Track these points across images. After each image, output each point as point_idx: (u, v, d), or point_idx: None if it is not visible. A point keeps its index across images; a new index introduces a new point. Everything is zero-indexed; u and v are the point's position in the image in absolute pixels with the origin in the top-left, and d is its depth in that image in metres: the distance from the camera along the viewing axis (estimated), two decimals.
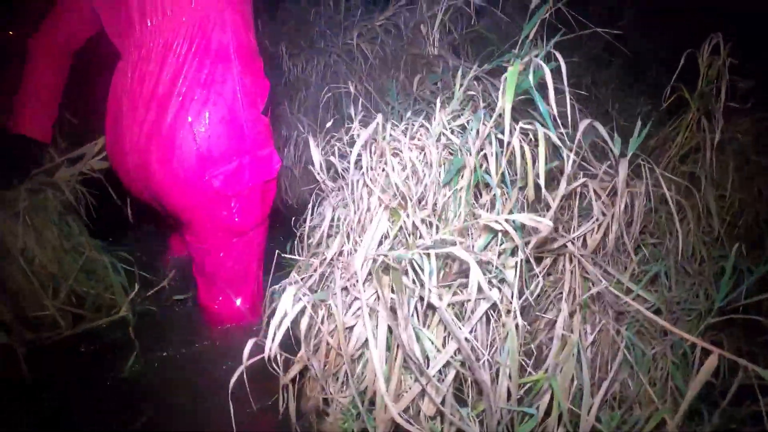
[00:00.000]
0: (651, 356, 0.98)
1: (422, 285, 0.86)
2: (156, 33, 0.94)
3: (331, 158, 1.02)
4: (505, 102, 0.78)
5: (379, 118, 0.87)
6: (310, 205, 1.25)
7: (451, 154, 0.99)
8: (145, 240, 1.50)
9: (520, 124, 0.85)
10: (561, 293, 1.00)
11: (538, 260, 1.00)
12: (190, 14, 0.93)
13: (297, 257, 1.16)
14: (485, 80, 1.34)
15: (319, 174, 1.08)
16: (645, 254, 1.09)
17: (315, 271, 1.08)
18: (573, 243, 1.01)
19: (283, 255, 1.16)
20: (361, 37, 1.68)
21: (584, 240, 1.02)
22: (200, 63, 0.94)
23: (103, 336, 1.15)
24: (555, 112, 0.77)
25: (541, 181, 0.80)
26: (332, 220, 1.04)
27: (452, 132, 0.97)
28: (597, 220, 0.97)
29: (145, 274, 1.30)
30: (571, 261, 1.00)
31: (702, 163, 1.33)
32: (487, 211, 0.98)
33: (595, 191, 0.98)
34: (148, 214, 1.27)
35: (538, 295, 1.00)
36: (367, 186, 0.90)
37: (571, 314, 0.95)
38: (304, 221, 1.29)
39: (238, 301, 1.18)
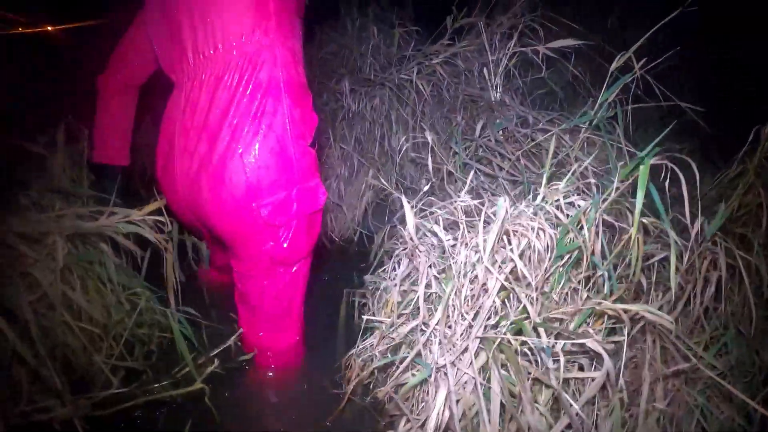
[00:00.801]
0: (721, 419, 1.05)
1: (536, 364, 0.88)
2: (208, 66, 0.97)
3: (435, 227, 1.00)
4: (636, 204, 0.79)
5: (505, 204, 0.86)
6: (389, 265, 1.24)
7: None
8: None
9: (642, 218, 0.85)
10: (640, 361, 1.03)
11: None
12: (241, 49, 0.95)
13: (379, 318, 1.14)
14: (562, 139, 1.35)
15: (411, 238, 1.06)
16: (712, 320, 1.13)
17: (403, 335, 1.08)
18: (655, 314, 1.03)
19: (363, 316, 1.15)
20: (419, 74, 1.64)
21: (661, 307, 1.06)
22: (251, 96, 0.96)
23: (176, 407, 1.09)
24: (688, 220, 0.79)
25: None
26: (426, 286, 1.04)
27: (557, 207, 0.98)
28: (676, 293, 1.00)
29: (202, 321, 1.24)
30: (652, 333, 1.04)
31: (754, 227, 1.39)
32: (587, 288, 1.00)
33: (677, 266, 1.00)
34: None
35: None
36: (487, 268, 0.88)
37: (652, 383, 1.00)
38: (375, 271, 1.27)
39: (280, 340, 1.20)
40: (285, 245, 1.05)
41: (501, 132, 1.51)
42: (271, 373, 1.23)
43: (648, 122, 1.63)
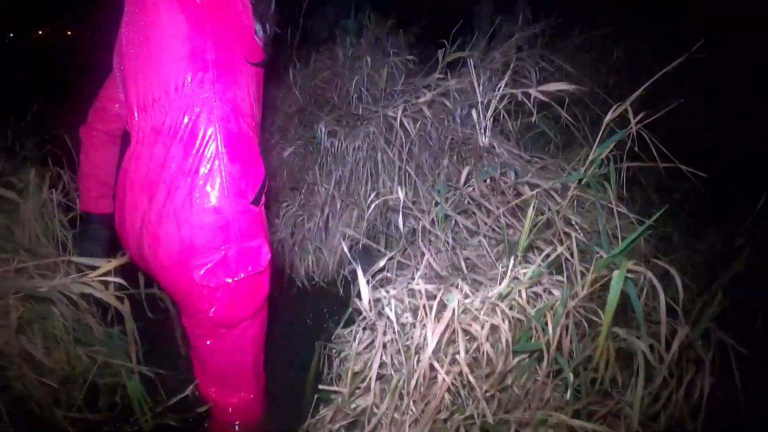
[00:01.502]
0: None
1: None
2: (148, 119, 0.95)
3: (387, 310, 0.93)
4: (606, 314, 0.69)
5: (454, 299, 0.78)
6: (355, 326, 1.18)
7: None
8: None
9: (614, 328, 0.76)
10: None
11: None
12: (176, 101, 0.93)
13: (337, 388, 1.09)
14: (552, 196, 1.25)
15: (366, 311, 1.00)
16: None
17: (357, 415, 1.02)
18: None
19: (320, 387, 1.09)
20: (404, 112, 1.57)
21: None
22: (185, 151, 0.93)
23: None
24: (664, 330, 0.70)
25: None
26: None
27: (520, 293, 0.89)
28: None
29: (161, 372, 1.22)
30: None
31: None
32: (552, 383, 0.91)
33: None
34: None
35: None
36: (432, 364, 0.81)
37: None
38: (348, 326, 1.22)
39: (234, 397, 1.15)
40: (224, 308, 1.01)
41: (487, 181, 1.42)
42: (229, 428, 1.19)
43: (647, 177, 1.50)
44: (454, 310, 0.76)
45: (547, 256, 0.91)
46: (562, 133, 1.56)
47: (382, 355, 0.97)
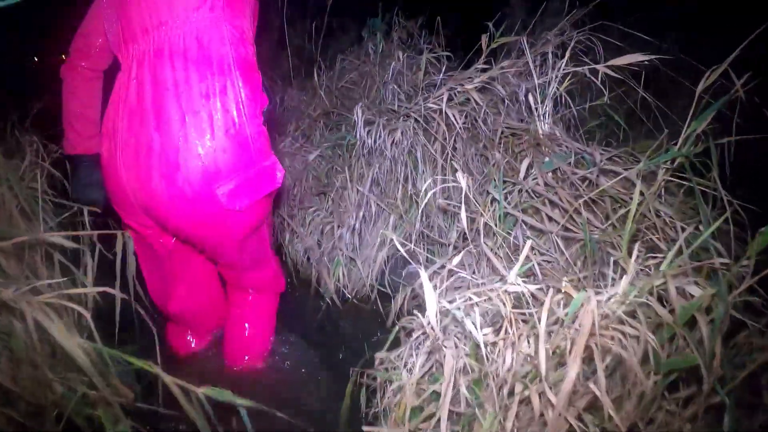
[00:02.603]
0: None
1: None
2: (153, 43, 0.93)
3: (467, 322, 0.70)
4: None
5: (591, 300, 0.55)
6: (406, 347, 0.95)
7: None
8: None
9: None
10: None
11: None
12: (187, 25, 0.91)
13: (386, 430, 0.85)
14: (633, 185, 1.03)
15: (431, 327, 0.77)
16: None
17: None
18: None
19: (364, 429, 0.85)
20: (449, 102, 1.38)
21: None
22: (200, 75, 0.92)
23: None
24: None
25: None
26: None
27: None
28: None
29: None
30: None
31: None
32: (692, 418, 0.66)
33: None
34: None
35: None
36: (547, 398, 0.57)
37: None
38: (392, 348, 1.00)
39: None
40: (249, 222, 1.04)
41: (551, 173, 1.20)
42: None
43: (756, 158, 1.27)
44: (592, 316, 0.53)
45: (673, 243, 0.68)
46: (633, 119, 1.35)
47: (453, 383, 0.73)
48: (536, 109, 1.27)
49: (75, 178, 1.16)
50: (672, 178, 1.04)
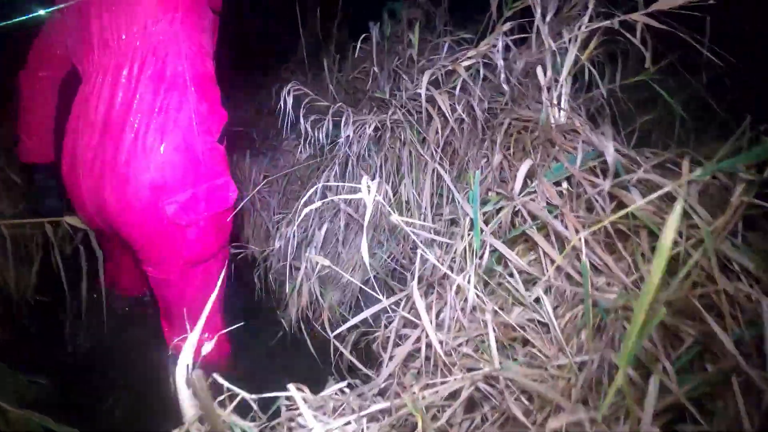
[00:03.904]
0: None
1: None
2: (112, 56, 0.94)
3: None
4: None
5: None
6: None
7: None
8: None
9: None
10: None
11: None
12: (145, 39, 0.92)
13: None
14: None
15: None
16: None
17: None
18: None
19: None
20: (439, 86, 1.06)
21: None
22: (155, 89, 0.93)
23: None
24: None
25: None
26: None
27: None
28: None
29: None
30: None
31: None
32: None
33: None
34: None
35: None
36: None
37: None
38: None
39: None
40: (194, 244, 1.02)
41: (561, 184, 0.82)
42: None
43: None
44: None
45: None
46: (693, 105, 0.87)
47: None
48: (547, 89, 0.88)
49: (34, 186, 1.16)
50: (759, 201, 0.59)
